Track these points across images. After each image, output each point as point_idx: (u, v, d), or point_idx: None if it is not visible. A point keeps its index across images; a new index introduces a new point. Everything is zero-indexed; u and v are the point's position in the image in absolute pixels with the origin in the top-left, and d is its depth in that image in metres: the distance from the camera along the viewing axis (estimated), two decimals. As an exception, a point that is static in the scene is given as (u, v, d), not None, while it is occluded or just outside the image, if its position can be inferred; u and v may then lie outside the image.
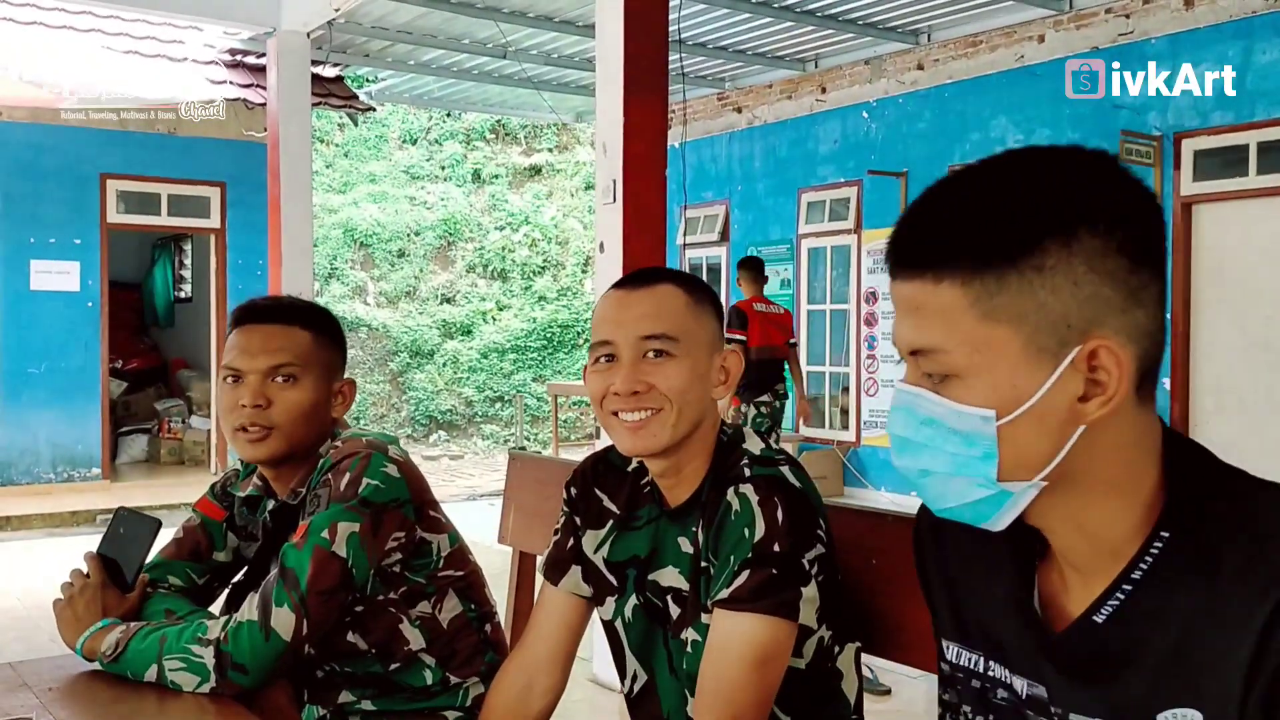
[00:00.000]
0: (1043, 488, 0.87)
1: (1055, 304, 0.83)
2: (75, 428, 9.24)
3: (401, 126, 16.18)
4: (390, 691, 1.78)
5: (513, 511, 2.21)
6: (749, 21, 8.01)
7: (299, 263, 7.04)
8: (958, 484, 0.88)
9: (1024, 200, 0.85)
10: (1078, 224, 0.83)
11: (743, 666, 1.28)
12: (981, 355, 0.85)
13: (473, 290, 15.30)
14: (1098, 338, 0.83)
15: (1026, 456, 0.86)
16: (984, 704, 1.00)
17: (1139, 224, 0.85)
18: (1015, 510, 0.88)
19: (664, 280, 1.45)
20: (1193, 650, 0.82)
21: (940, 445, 0.88)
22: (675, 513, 1.45)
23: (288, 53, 7.07)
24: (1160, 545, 0.86)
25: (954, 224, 0.87)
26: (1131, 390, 0.85)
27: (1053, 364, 0.84)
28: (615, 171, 4.20)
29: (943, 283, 0.86)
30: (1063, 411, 0.84)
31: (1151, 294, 0.86)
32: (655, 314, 1.41)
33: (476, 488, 10.39)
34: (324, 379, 1.78)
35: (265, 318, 1.76)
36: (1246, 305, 6.77)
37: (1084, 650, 0.89)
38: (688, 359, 1.40)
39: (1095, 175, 0.87)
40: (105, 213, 9.32)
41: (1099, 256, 0.83)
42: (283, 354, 1.72)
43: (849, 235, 9.01)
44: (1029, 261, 0.83)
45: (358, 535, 1.61)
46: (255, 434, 1.71)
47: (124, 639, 1.60)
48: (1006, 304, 0.84)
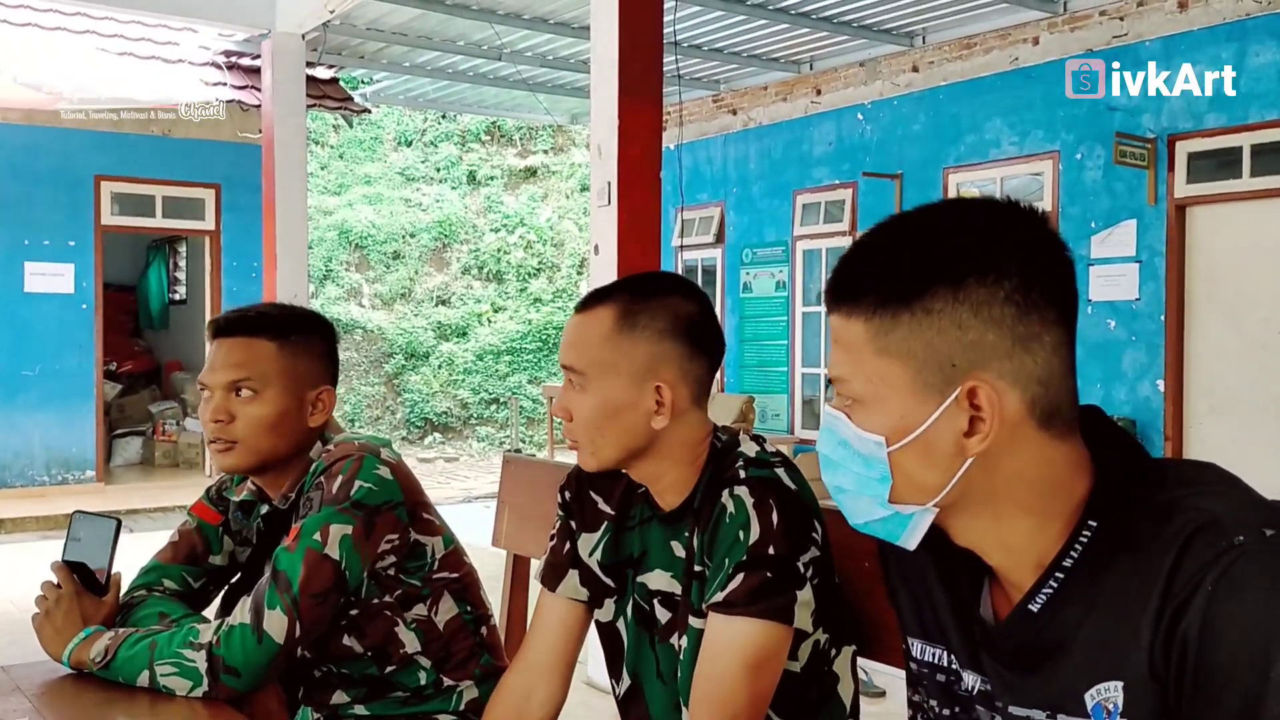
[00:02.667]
0: (938, 512, 0.94)
1: (941, 344, 0.90)
2: (70, 430, 9.22)
3: (396, 128, 16.17)
4: (384, 693, 1.78)
5: (507, 514, 2.21)
6: (744, 23, 8.02)
7: (294, 265, 7.04)
8: (863, 502, 0.96)
9: (923, 248, 0.92)
10: (967, 273, 0.89)
11: (738, 670, 1.28)
12: (876, 386, 0.93)
13: (468, 292, 15.30)
14: (977, 378, 0.89)
15: (917, 482, 0.93)
16: (949, 696, 1.04)
17: (1033, 276, 0.90)
18: (919, 530, 0.95)
19: (607, 300, 1.44)
20: (1117, 624, 0.87)
21: (849, 465, 0.96)
22: (668, 517, 1.45)
23: (283, 54, 7.06)
24: (1089, 534, 0.91)
25: (866, 265, 0.95)
26: (1032, 426, 0.91)
27: (938, 399, 0.90)
28: (610, 174, 4.20)
29: (852, 318, 0.94)
30: (949, 444, 0.91)
31: (1044, 343, 0.90)
32: (572, 343, 1.43)
33: (472, 490, 10.39)
34: (291, 389, 1.75)
35: (229, 331, 1.76)
36: (1240, 307, 6.78)
37: (1021, 640, 0.94)
38: (597, 392, 1.40)
39: (997, 227, 0.92)
40: (100, 215, 9.30)
41: (984, 305, 0.89)
42: (241, 369, 1.72)
43: (844, 237, 9.01)
44: (919, 304, 0.90)
45: (350, 538, 1.61)
46: (220, 446, 1.72)
47: (112, 646, 1.60)
48: (899, 341, 0.91)
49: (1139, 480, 0.91)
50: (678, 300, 1.43)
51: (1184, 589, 0.82)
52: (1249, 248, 6.73)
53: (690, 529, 1.41)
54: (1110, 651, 0.87)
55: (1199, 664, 0.80)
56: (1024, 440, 0.91)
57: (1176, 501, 0.87)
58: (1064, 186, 7.54)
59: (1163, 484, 0.90)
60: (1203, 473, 0.90)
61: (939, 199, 4.22)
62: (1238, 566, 0.80)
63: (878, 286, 0.92)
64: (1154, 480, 0.90)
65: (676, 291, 1.45)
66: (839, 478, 0.97)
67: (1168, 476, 0.91)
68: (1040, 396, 0.91)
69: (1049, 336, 0.91)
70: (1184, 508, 0.85)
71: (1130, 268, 7.14)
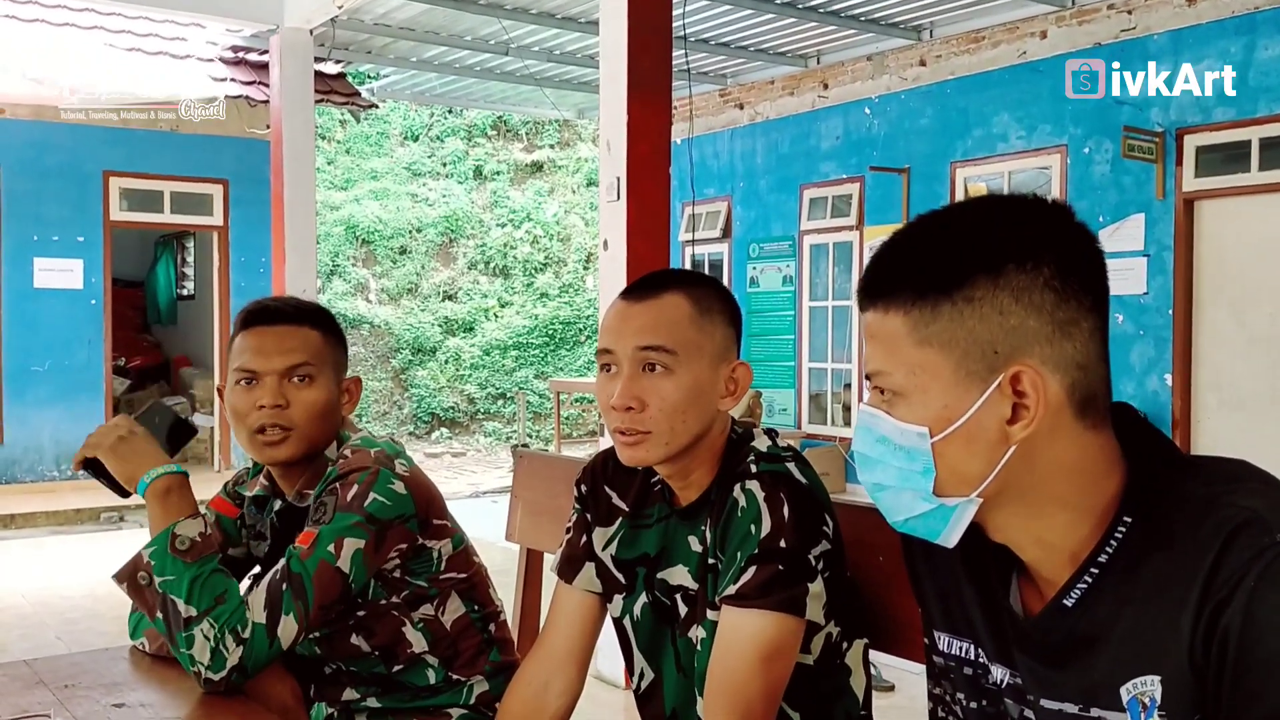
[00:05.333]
0: (980, 503, 0.94)
1: (983, 332, 0.91)
2: (79, 426, 9.24)
3: (403, 123, 16.18)
4: (394, 690, 1.79)
5: (520, 509, 2.22)
6: (752, 17, 8.01)
7: (302, 260, 7.06)
8: (905, 497, 0.97)
9: (960, 239, 0.95)
10: (1005, 261, 0.92)
11: (750, 662, 1.29)
12: (918, 377, 0.94)
13: (474, 287, 15.31)
14: (1021, 363, 0.91)
15: (961, 472, 0.93)
16: (977, 690, 1.05)
17: (1068, 264, 0.93)
18: (960, 525, 0.96)
19: (670, 288, 1.43)
20: (1154, 619, 0.88)
21: (889, 460, 0.96)
22: (685, 512, 1.46)
23: (290, 50, 7.07)
24: (1124, 530, 0.92)
25: (902, 260, 0.97)
26: (1070, 414, 0.92)
27: (981, 387, 0.92)
28: (619, 169, 4.21)
29: (890, 312, 0.95)
30: (992, 432, 0.92)
31: (1082, 329, 0.93)
32: (654, 325, 1.40)
33: (479, 485, 10.41)
34: (335, 378, 1.79)
35: (277, 319, 1.76)
36: (1248, 301, 6.77)
37: (1055, 634, 0.95)
38: (687, 373, 1.39)
39: (1031, 219, 0.95)
40: (108, 210, 9.33)
41: (1024, 290, 0.91)
42: (298, 354, 1.73)
43: (851, 232, 9.01)
44: (960, 293, 0.92)
45: (362, 552, 1.62)
46: (274, 435, 1.70)
47: (203, 547, 1.58)
48: (940, 331, 0.92)
49: (1173, 475, 0.92)
50: (720, 290, 1.48)
51: (1226, 585, 0.83)
52: (1257, 242, 6.72)
53: (705, 523, 1.42)
54: (1147, 646, 0.88)
55: (1240, 659, 0.81)
56: (1063, 428, 0.92)
57: (1215, 498, 0.87)
58: (1072, 181, 7.53)
59: (1198, 480, 0.90)
60: (1239, 469, 0.92)
61: (946, 194, 4.26)
62: (1279, 564, 0.81)
63: (916, 278, 0.94)
64: (1189, 476, 0.91)
65: (713, 283, 1.49)
66: (878, 474, 0.98)
67: (1202, 472, 0.91)
68: (1080, 381, 0.92)
69: (1086, 322, 0.93)
70: (1222, 504, 0.86)
71: (1138, 262, 7.14)
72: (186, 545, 1.58)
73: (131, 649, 1.79)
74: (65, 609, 5.22)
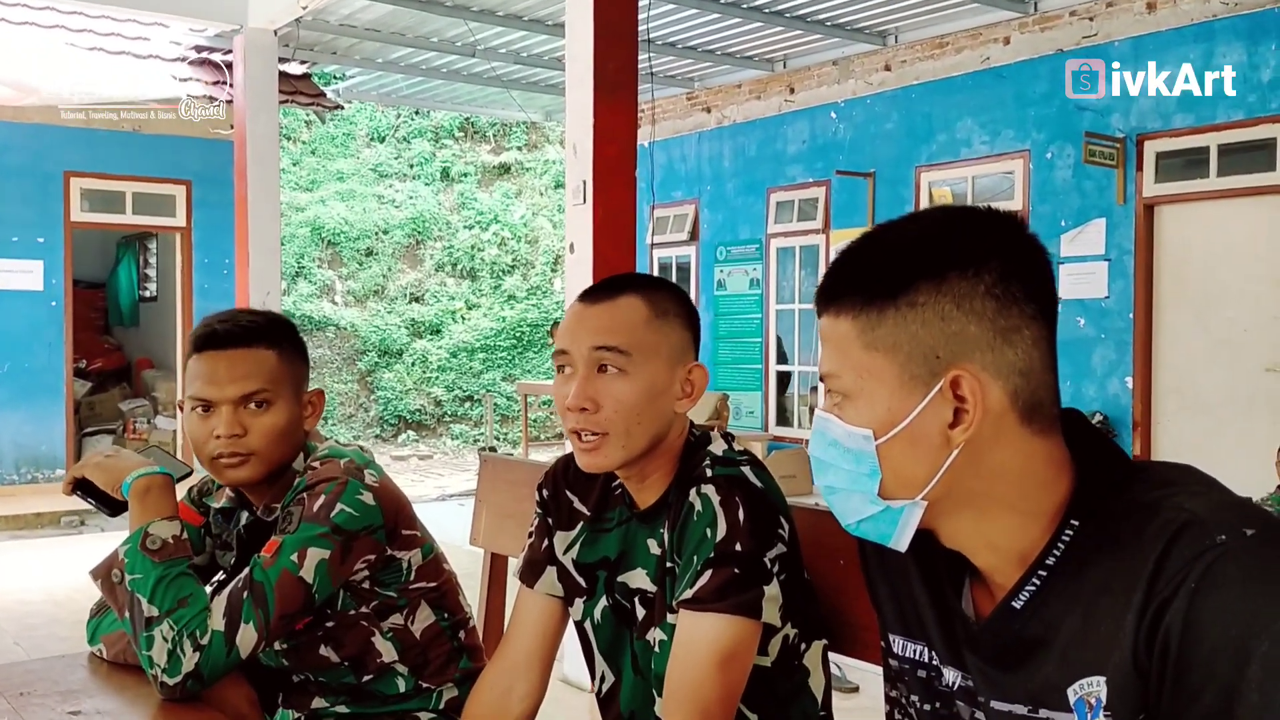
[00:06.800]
0: (926, 506, 0.96)
1: (925, 337, 0.93)
2: (39, 429, 9.14)
3: (369, 124, 16.10)
4: (363, 698, 1.79)
5: (484, 512, 2.21)
6: (718, 22, 8.05)
7: (266, 261, 7.00)
8: (854, 500, 0.98)
9: (906, 246, 0.97)
10: (948, 268, 0.93)
11: (708, 665, 1.30)
12: (865, 381, 0.96)
13: (441, 289, 15.26)
14: (961, 369, 0.93)
15: (905, 475, 0.95)
16: (930, 692, 1.07)
17: (1012, 273, 0.94)
18: (908, 528, 0.97)
19: (627, 291, 1.44)
20: (1100, 620, 0.89)
21: (839, 463, 0.98)
22: (644, 515, 1.47)
23: (255, 50, 7.02)
24: (1071, 533, 0.93)
25: (852, 267, 0.99)
26: (1015, 420, 0.94)
27: (924, 391, 0.94)
28: (585, 172, 4.21)
29: (840, 316, 0.97)
30: (935, 435, 0.94)
31: (1024, 336, 0.94)
32: (609, 327, 1.40)
33: (446, 488, 10.37)
34: (295, 396, 1.74)
35: (229, 342, 1.69)
36: (1208, 305, 6.87)
37: (1004, 636, 0.96)
38: (641, 374, 1.39)
39: (976, 228, 0.97)
40: (69, 211, 9.22)
41: (965, 297, 0.93)
42: (253, 380, 1.68)
43: (817, 235, 9.06)
44: (904, 299, 0.94)
45: (326, 563, 1.61)
46: (233, 461, 1.68)
47: (174, 549, 1.58)
48: (885, 336, 0.95)
49: (1120, 480, 0.94)
50: (677, 293, 1.49)
51: (1168, 586, 0.84)
52: (1216, 247, 6.82)
53: (663, 526, 1.43)
54: (1093, 647, 0.89)
55: (1180, 659, 0.83)
56: (1007, 434, 0.94)
57: (1158, 501, 0.89)
58: (1034, 185, 7.61)
59: (1144, 484, 0.92)
60: (1183, 474, 0.93)
61: (911, 197, 4.31)
62: (1219, 565, 0.83)
63: (865, 284, 0.96)
64: (1135, 481, 0.93)
65: (670, 286, 1.50)
66: (830, 477, 1.00)
67: (1148, 477, 0.93)
68: (1022, 388, 0.94)
69: (1029, 330, 0.94)
70: (1166, 507, 0.88)
71: (1099, 266, 7.23)
72: (158, 545, 1.58)
73: (89, 655, 1.77)
74: (24, 614, 5.15)
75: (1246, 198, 6.63)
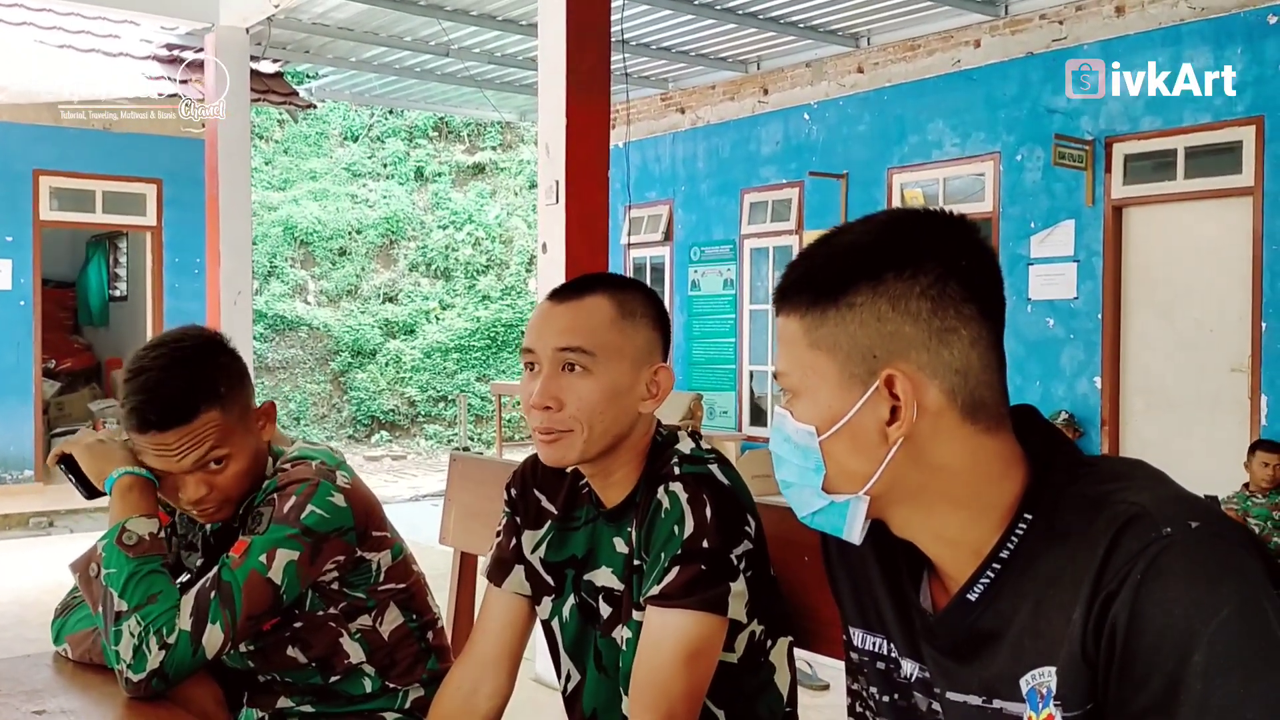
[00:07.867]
0: (869, 501, 0.99)
1: (863, 336, 0.96)
2: (7, 429, 9.04)
3: (343, 123, 16.02)
4: (328, 698, 1.79)
5: (454, 512, 2.22)
6: (692, 23, 8.06)
7: (237, 261, 6.96)
8: (805, 493, 1.02)
9: (849, 249, 1.00)
10: (885, 269, 0.96)
11: (674, 661, 1.31)
12: (810, 378, 0.99)
13: (415, 289, 15.21)
14: (895, 368, 0.95)
15: (847, 470, 0.98)
16: (888, 684, 1.09)
17: (950, 275, 0.96)
18: (857, 521, 1.00)
19: (595, 291, 1.45)
20: (1050, 612, 0.91)
21: (790, 458, 1.01)
22: (611, 513, 1.48)
23: (226, 48, 6.98)
24: (1024, 527, 0.96)
25: (802, 269, 1.02)
26: (955, 418, 0.96)
27: (862, 389, 0.96)
28: (558, 173, 4.21)
29: (790, 316, 1.01)
30: (873, 432, 0.96)
31: (961, 336, 0.96)
32: (574, 327, 1.41)
33: (419, 488, 10.34)
34: (248, 429, 1.71)
35: (168, 422, 1.61)
36: (1175, 306, 6.95)
37: (959, 629, 0.99)
38: (605, 374, 1.40)
39: (917, 230, 0.99)
40: (38, 210, 9.13)
41: (901, 298, 0.95)
42: (204, 445, 1.63)
43: (791, 235, 9.10)
44: (844, 299, 0.97)
45: (295, 564, 1.61)
46: (206, 511, 1.69)
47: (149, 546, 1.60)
48: (826, 335, 0.98)
49: (1071, 475, 0.95)
50: (646, 294, 1.49)
51: (1114, 578, 0.86)
52: (1183, 248, 6.90)
53: (631, 524, 1.44)
54: (1044, 638, 0.91)
55: (1126, 649, 0.85)
56: (948, 431, 0.96)
57: (1107, 495, 0.91)
58: (1005, 187, 7.67)
59: (1094, 479, 0.94)
60: (1132, 469, 0.95)
61: (884, 199, 4.35)
62: (1164, 557, 0.84)
63: (811, 285, 0.99)
64: (1086, 475, 0.95)
65: (639, 287, 1.51)
66: (784, 472, 1.03)
67: (1099, 472, 0.95)
68: (960, 387, 0.95)
69: (966, 331, 0.96)
70: (1114, 501, 0.90)
71: (1069, 267, 7.29)
72: (134, 540, 1.59)
73: (55, 655, 1.76)
74: (-9, 616, 5.10)
75: (1213, 200, 6.71)
